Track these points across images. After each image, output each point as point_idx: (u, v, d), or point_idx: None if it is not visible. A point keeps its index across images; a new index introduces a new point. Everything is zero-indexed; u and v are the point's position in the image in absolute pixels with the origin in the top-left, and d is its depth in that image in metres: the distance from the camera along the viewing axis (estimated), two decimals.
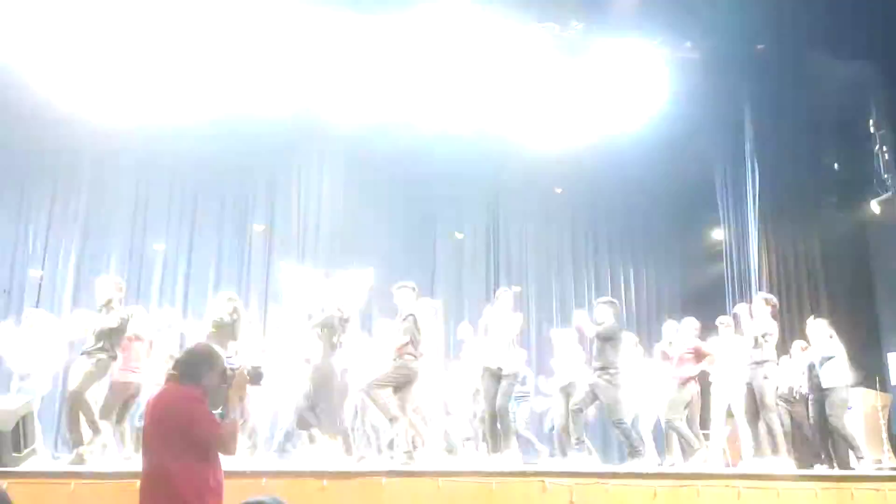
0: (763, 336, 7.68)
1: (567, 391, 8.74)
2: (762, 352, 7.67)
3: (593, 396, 7.71)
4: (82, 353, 6.79)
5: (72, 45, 10.21)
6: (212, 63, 10.75)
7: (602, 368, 7.62)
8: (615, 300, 8.36)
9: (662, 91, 11.25)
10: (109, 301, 6.90)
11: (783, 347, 9.14)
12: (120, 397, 7.16)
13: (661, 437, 9.09)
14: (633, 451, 7.44)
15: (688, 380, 8.00)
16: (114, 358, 6.84)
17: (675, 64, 11.19)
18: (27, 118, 10.96)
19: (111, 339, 6.78)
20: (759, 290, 10.52)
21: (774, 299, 8.15)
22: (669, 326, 8.99)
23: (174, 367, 3.65)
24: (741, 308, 8.27)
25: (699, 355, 8.08)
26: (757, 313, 7.86)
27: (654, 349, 9.54)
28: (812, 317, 8.29)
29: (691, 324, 8.39)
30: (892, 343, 10.57)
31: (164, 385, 3.60)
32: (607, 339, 7.69)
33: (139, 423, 8.00)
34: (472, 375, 8.65)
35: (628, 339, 9.13)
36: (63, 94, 10.65)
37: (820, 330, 8.04)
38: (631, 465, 7.30)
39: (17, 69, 10.44)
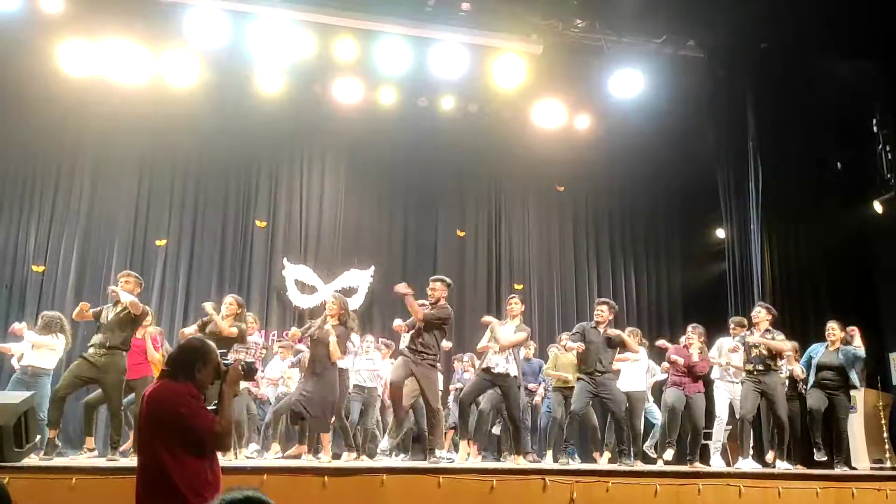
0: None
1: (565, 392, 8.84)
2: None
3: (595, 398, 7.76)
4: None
5: (72, 42, 10.24)
6: (212, 60, 10.78)
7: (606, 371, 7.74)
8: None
9: (666, 89, 11.24)
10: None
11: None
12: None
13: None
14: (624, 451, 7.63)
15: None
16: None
17: (678, 62, 11.18)
18: (30, 113, 11.00)
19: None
20: (761, 288, 10.52)
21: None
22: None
23: (167, 363, 3.64)
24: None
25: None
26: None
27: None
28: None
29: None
30: (894, 343, 10.55)
31: (158, 381, 3.59)
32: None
33: None
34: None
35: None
36: (66, 89, 10.70)
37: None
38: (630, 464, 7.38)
39: (19, 62, 10.49)
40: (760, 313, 8.00)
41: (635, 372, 9.05)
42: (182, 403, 3.37)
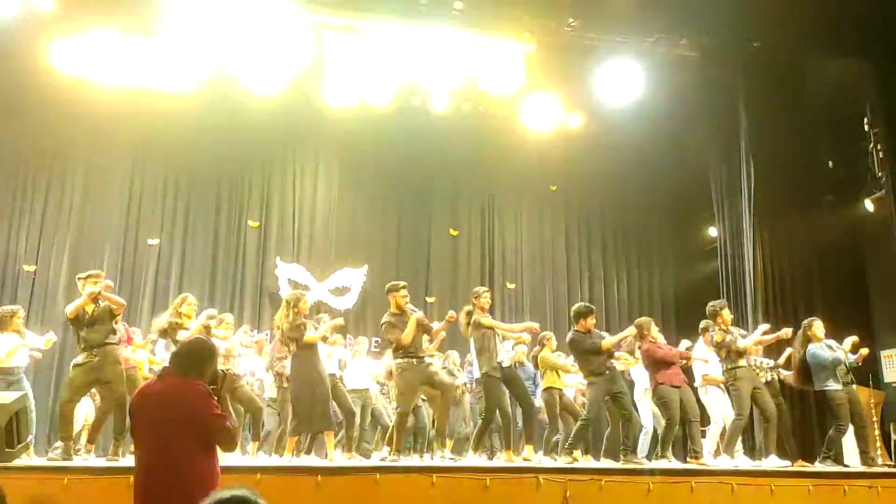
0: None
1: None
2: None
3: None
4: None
5: (64, 41, 10.20)
6: (207, 58, 10.74)
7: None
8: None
9: (658, 88, 11.25)
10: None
11: (775, 345, 9.19)
12: None
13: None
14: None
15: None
16: None
17: (671, 61, 11.20)
18: (22, 113, 10.95)
19: None
20: (753, 287, 10.55)
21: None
22: None
23: (173, 360, 3.69)
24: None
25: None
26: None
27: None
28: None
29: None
30: (885, 341, 10.60)
31: (164, 377, 3.62)
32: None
33: None
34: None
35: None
36: (57, 88, 10.65)
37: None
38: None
39: (10, 62, 10.43)
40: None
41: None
42: (199, 401, 3.44)
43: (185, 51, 10.45)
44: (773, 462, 7.57)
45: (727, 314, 8.11)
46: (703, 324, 8.61)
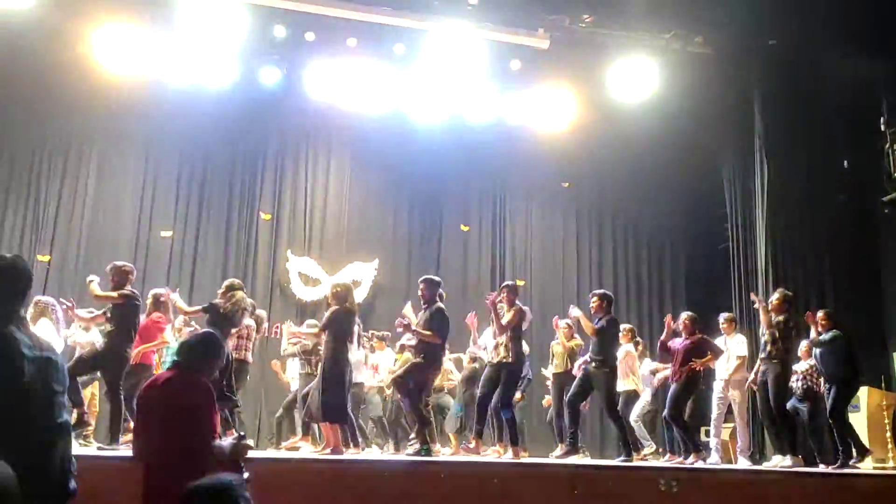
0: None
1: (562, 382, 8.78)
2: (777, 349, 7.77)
3: (589, 389, 7.74)
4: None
5: (81, 31, 10.25)
6: (219, 52, 10.79)
7: (600, 362, 7.59)
8: (609, 293, 8.30)
9: (673, 85, 11.20)
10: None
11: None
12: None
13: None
14: (626, 446, 7.53)
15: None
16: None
17: (686, 58, 11.14)
18: (35, 105, 11.02)
19: None
20: (765, 286, 10.47)
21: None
22: None
23: (180, 354, 3.67)
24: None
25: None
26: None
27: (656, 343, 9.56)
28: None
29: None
30: None
31: (171, 371, 3.62)
32: (603, 332, 7.66)
33: None
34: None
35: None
36: (72, 79, 10.71)
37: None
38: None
39: (25, 51, 10.49)
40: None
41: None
42: (200, 399, 3.44)
43: (201, 44, 10.51)
44: (777, 461, 7.54)
45: None
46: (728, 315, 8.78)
